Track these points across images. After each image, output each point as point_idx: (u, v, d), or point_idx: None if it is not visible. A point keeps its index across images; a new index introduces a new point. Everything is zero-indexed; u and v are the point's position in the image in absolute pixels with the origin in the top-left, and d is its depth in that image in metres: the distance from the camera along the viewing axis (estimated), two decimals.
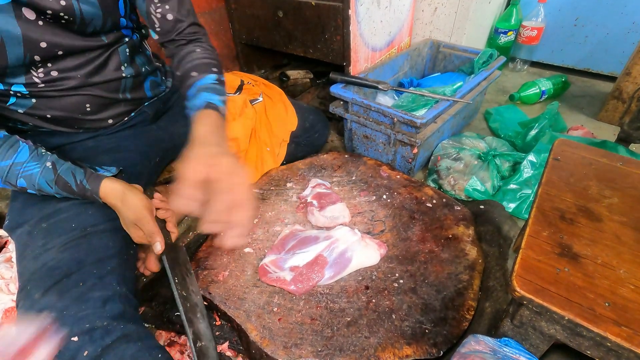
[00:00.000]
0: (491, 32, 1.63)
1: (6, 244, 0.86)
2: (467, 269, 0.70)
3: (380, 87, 1.05)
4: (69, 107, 0.66)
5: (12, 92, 0.60)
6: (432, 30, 1.42)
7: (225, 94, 0.68)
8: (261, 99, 0.98)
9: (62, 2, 0.55)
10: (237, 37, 1.39)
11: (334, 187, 0.93)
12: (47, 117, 0.66)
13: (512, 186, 0.94)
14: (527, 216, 0.67)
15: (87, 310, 0.51)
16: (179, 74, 0.70)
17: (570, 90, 1.46)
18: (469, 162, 1.00)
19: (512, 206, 0.92)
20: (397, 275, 0.70)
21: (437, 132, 1.00)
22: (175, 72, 0.72)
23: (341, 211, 0.82)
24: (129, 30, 0.71)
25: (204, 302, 0.69)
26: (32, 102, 0.63)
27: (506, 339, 0.52)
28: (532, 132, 1.08)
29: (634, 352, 0.39)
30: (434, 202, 0.86)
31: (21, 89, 0.61)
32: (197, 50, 0.70)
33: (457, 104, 1.03)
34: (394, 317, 0.63)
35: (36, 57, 0.58)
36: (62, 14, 0.56)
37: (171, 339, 0.69)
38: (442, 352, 0.58)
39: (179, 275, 0.64)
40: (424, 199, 0.87)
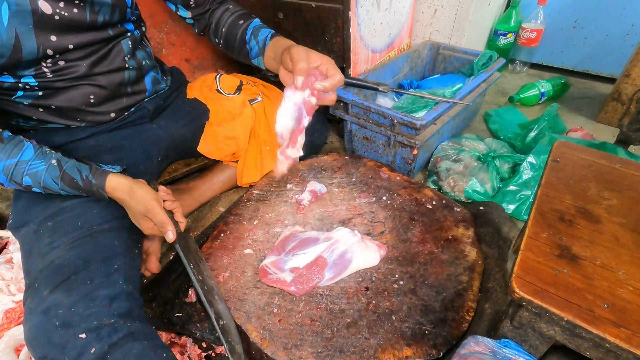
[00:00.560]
0: (491, 34, 1.63)
1: (6, 245, 0.86)
2: (466, 270, 0.70)
3: (380, 88, 1.05)
4: (74, 98, 0.68)
5: (20, 85, 0.62)
6: (432, 32, 1.42)
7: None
8: (260, 99, 0.98)
9: None
10: None
11: (334, 189, 0.94)
12: (52, 108, 0.68)
13: (511, 188, 0.94)
14: (526, 218, 0.67)
15: (94, 307, 0.52)
16: (224, 30, 0.80)
17: (569, 92, 1.47)
18: (469, 163, 1.00)
19: (512, 207, 0.93)
20: (397, 276, 0.70)
21: (437, 133, 1.00)
22: (217, 31, 0.82)
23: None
24: (132, 24, 0.74)
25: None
26: (39, 94, 0.65)
27: (506, 340, 0.53)
28: (532, 134, 1.08)
29: (632, 353, 0.39)
30: (434, 203, 0.86)
31: (30, 80, 0.62)
32: (230, 7, 0.82)
33: (456, 106, 1.03)
34: (394, 318, 0.63)
35: (49, 50, 0.60)
36: (74, 0, 0.60)
37: (171, 340, 0.69)
38: (441, 353, 0.59)
39: (193, 261, 0.67)
40: (423, 200, 0.87)
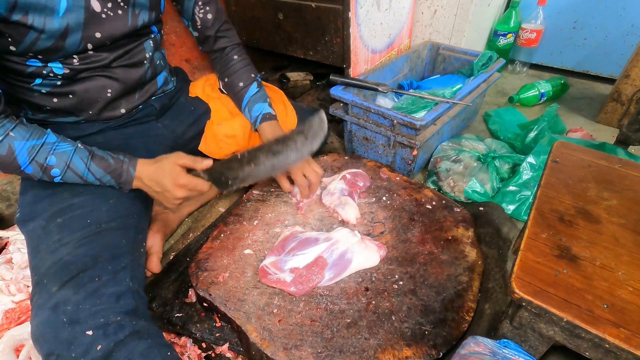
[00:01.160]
0: (490, 34, 1.63)
1: (6, 245, 0.86)
2: (466, 270, 0.70)
3: (380, 89, 1.05)
4: (92, 89, 0.70)
5: (44, 72, 0.64)
6: (432, 32, 1.42)
7: (267, 95, 0.89)
8: None
9: None
10: None
11: None
12: (69, 98, 0.69)
13: (511, 188, 0.94)
14: (526, 218, 0.67)
15: (101, 305, 0.52)
16: (225, 82, 0.90)
17: (569, 92, 1.47)
18: (469, 163, 1.00)
19: (512, 208, 0.93)
20: (396, 276, 0.70)
21: (437, 134, 1.00)
22: (219, 78, 0.92)
23: (351, 207, 0.83)
24: (155, 27, 0.78)
25: (204, 304, 0.70)
26: (57, 83, 0.67)
27: (505, 340, 0.53)
28: (532, 134, 1.09)
29: (632, 354, 0.39)
30: (434, 203, 0.86)
31: (57, 66, 0.64)
32: (235, 57, 0.88)
33: (456, 106, 1.03)
34: (394, 318, 0.63)
35: (89, 45, 0.64)
36: (119, 2, 0.65)
37: (171, 340, 0.69)
38: (441, 354, 0.59)
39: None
40: (423, 200, 0.87)
